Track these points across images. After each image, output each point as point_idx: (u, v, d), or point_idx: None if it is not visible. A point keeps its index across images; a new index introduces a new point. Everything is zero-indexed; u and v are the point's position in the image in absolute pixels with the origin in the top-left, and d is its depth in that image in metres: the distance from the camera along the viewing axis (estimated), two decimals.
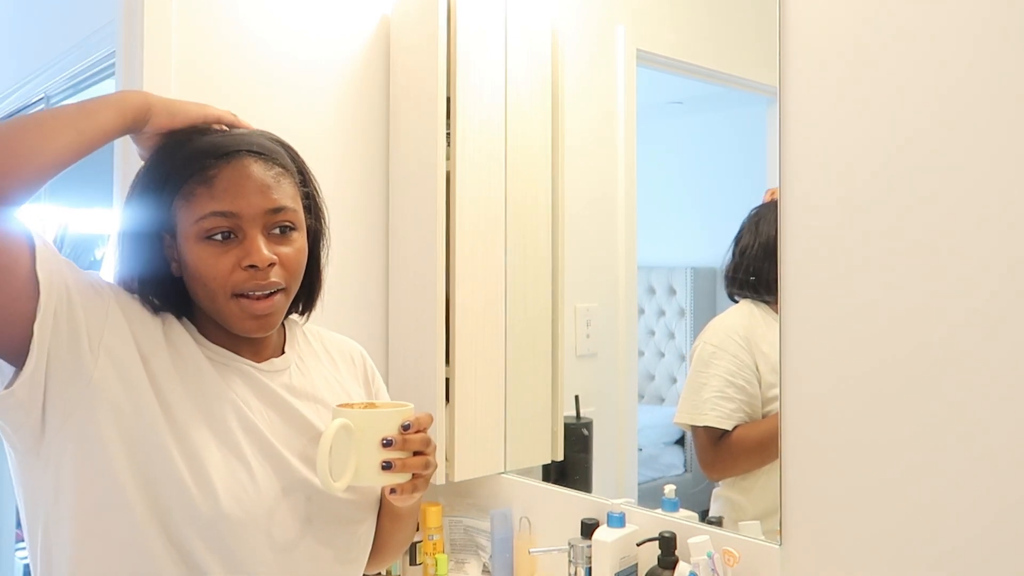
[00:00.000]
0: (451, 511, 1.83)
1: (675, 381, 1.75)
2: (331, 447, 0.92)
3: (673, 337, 1.77)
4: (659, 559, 1.39)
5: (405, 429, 0.96)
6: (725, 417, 1.47)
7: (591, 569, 1.46)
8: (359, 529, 1.05)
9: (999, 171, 1.07)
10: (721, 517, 1.50)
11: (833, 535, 1.23)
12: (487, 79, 1.76)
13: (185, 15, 1.61)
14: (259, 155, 0.97)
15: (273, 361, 1.04)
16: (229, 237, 0.94)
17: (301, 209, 1.01)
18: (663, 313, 1.78)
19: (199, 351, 0.98)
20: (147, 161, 1.00)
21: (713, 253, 1.59)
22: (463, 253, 1.72)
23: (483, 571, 1.76)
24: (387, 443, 0.94)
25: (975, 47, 1.09)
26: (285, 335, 1.10)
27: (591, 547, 1.46)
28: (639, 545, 1.44)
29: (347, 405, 1.00)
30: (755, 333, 1.42)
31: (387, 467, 0.94)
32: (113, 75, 1.73)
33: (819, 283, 1.24)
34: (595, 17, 1.85)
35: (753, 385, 1.41)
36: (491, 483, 1.82)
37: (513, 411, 1.80)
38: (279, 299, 0.97)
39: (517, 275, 1.81)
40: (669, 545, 1.38)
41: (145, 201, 0.97)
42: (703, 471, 1.56)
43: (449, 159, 1.72)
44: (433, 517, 1.74)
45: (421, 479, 0.97)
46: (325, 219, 1.09)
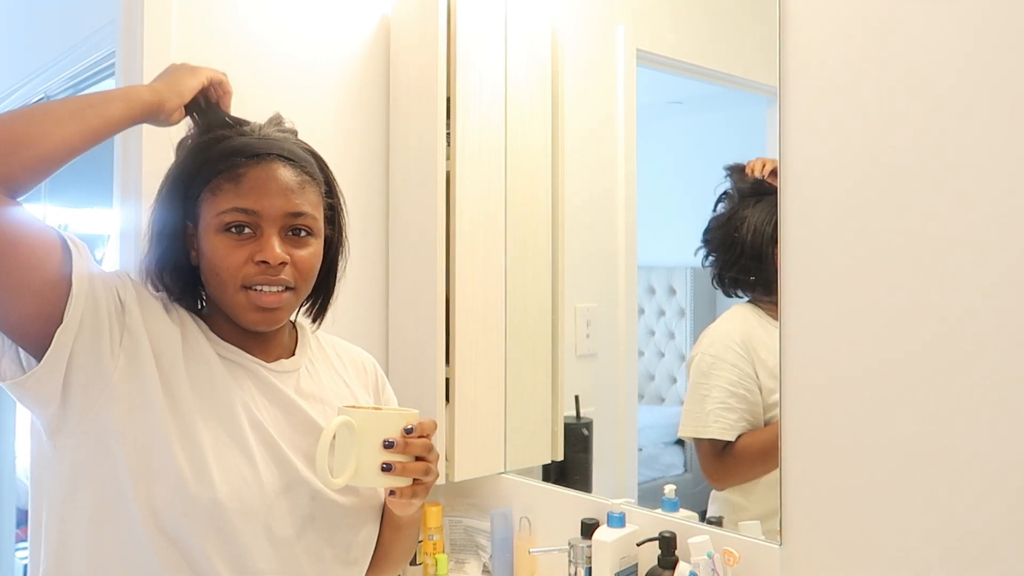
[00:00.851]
0: (451, 511, 1.83)
1: (675, 381, 1.75)
2: (331, 444, 0.92)
3: (673, 337, 1.77)
4: (659, 559, 1.39)
5: (408, 432, 0.96)
6: (728, 428, 1.47)
7: (591, 569, 1.46)
8: (360, 532, 1.06)
9: (999, 170, 1.07)
10: (721, 517, 1.50)
11: (833, 535, 1.23)
12: (487, 79, 1.76)
13: (185, 15, 1.61)
14: (289, 160, 1.01)
15: (282, 362, 1.06)
16: (246, 231, 0.98)
17: (321, 218, 1.04)
18: (663, 313, 1.78)
19: (211, 348, 1.00)
20: (181, 154, 1.04)
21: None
22: (463, 253, 1.72)
23: (483, 571, 1.76)
24: (388, 445, 0.94)
25: (975, 46, 1.09)
26: (297, 338, 1.12)
27: (591, 547, 1.46)
28: (639, 545, 1.44)
29: (353, 407, 1.00)
30: (753, 339, 1.42)
31: (387, 469, 0.95)
32: (113, 75, 1.73)
33: (819, 283, 1.24)
34: (595, 17, 1.85)
35: (754, 393, 1.41)
36: (491, 483, 1.82)
37: (513, 411, 1.80)
38: (287, 296, 1.00)
39: (517, 275, 1.81)
40: (669, 545, 1.38)
41: (175, 191, 1.01)
42: (708, 481, 1.56)
43: (449, 159, 1.72)
44: (433, 517, 1.74)
45: (421, 486, 0.97)
46: (346, 232, 1.13)
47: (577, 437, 1.83)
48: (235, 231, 0.97)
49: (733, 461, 1.48)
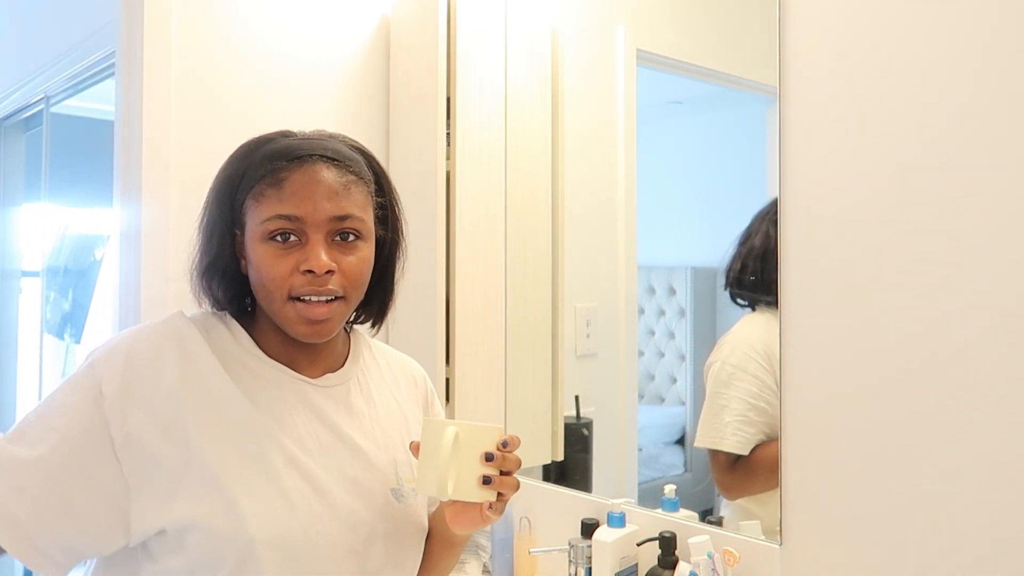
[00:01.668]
0: None
1: (675, 381, 1.75)
2: (450, 455, 0.91)
3: (673, 337, 1.76)
4: (659, 559, 1.39)
5: (504, 447, 0.95)
6: (745, 442, 1.45)
7: (591, 569, 1.46)
8: (412, 556, 1.04)
9: (999, 170, 1.07)
10: (722, 517, 1.50)
11: (833, 535, 1.23)
12: (487, 79, 1.76)
13: (185, 15, 1.61)
14: (332, 160, 0.96)
15: (328, 376, 1.01)
16: (291, 239, 0.93)
17: (371, 219, 0.99)
18: (663, 313, 1.78)
19: (241, 381, 0.95)
20: (227, 160, 1.00)
21: (713, 253, 1.59)
22: (463, 253, 1.72)
23: (483, 571, 1.76)
24: (489, 458, 0.93)
25: (975, 46, 1.09)
26: (350, 347, 1.08)
27: (591, 547, 1.46)
28: (639, 545, 1.44)
29: (439, 420, 0.98)
30: (774, 349, 1.35)
31: (487, 482, 0.93)
32: (113, 75, 1.73)
33: (819, 284, 1.24)
34: (595, 17, 1.85)
35: (774, 406, 1.36)
36: None
37: (513, 411, 1.80)
38: (337, 306, 0.95)
39: (517, 275, 1.81)
40: (669, 545, 1.38)
41: (221, 198, 0.98)
42: (720, 491, 1.54)
43: (449, 159, 1.72)
44: None
45: (504, 502, 0.96)
46: (402, 231, 1.09)
47: (577, 437, 1.83)
48: (280, 239, 0.93)
49: (747, 473, 1.46)
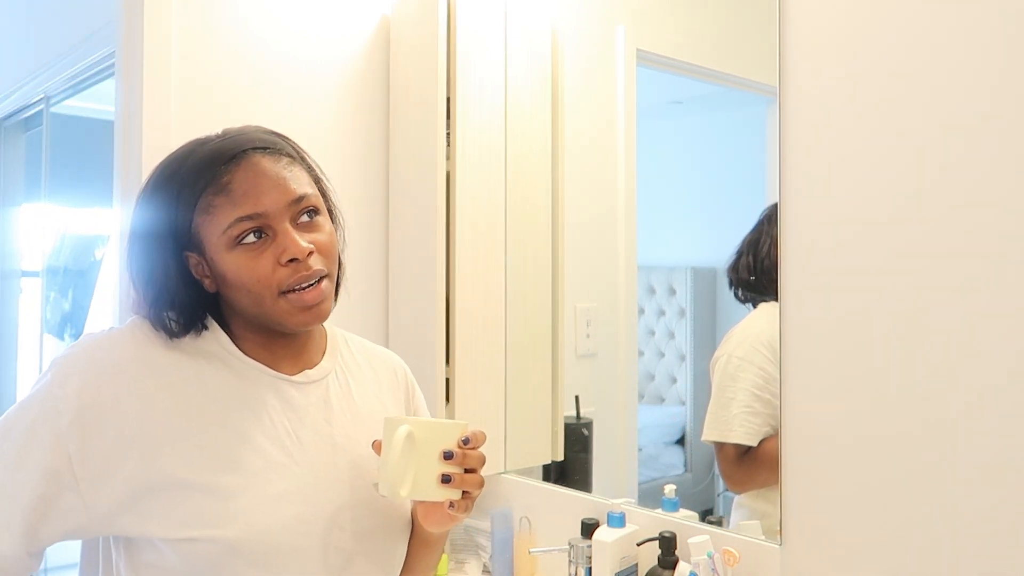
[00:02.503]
0: None
1: (675, 381, 1.75)
2: (400, 455, 0.89)
3: (673, 337, 1.76)
4: (659, 559, 1.39)
5: (464, 443, 0.93)
6: (753, 433, 1.45)
7: (591, 569, 1.46)
8: (395, 553, 1.03)
9: (1000, 170, 1.07)
10: (721, 517, 1.50)
11: (833, 535, 1.23)
12: (487, 79, 1.76)
13: (185, 16, 1.61)
14: (264, 149, 0.95)
15: (307, 372, 1.01)
16: (261, 237, 0.92)
17: (317, 192, 0.99)
18: (663, 313, 1.78)
19: (211, 390, 0.94)
20: (146, 188, 0.96)
21: (713, 253, 1.59)
22: (463, 253, 1.72)
23: (483, 571, 1.76)
24: (448, 456, 0.91)
25: (976, 46, 1.09)
26: (327, 342, 1.07)
27: (591, 547, 1.46)
28: (639, 545, 1.44)
29: (396, 417, 0.96)
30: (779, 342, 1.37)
31: (447, 480, 0.91)
32: (113, 75, 1.73)
33: (819, 284, 1.24)
34: (595, 17, 1.85)
35: (779, 398, 1.38)
36: (491, 483, 1.82)
37: (513, 411, 1.80)
38: (326, 285, 0.95)
39: (517, 275, 1.81)
40: (669, 545, 1.38)
41: (158, 227, 0.93)
42: (726, 484, 1.54)
43: (449, 159, 1.72)
44: None
45: (470, 499, 0.95)
46: (334, 200, 1.06)
47: (577, 437, 1.83)
48: (250, 240, 0.91)
49: (755, 465, 1.46)
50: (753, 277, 1.47)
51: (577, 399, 1.83)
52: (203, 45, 1.64)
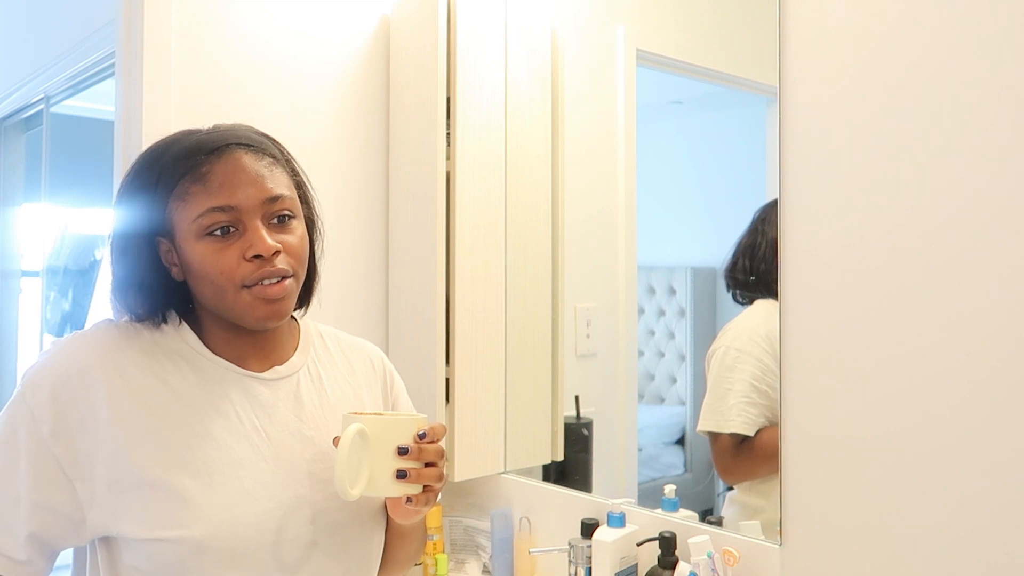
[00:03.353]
0: (451, 511, 1.83)
1: (675, 381, 1.75)
2: (348, 453, 0.89)
3: (673, 337, 1.76)
4: (659, 559, 1.39)
5: (421, 438, 0.93)
6: (750, 423, 1.46)
7: (591, 569, 1.46)
8: (370, 544, 1.03)
9: (1000, 170, 1.07)
10: (721, 517, 1.50)
11: (833, 535, 1.23)
12: (487, 79, 1.76)
13: (185, 16, 1.61)
14: (248, 146, 0.96)
15: (276, 369, 1.01)
16: (229, 231, 0.92)
17: (296, 197, 0.99)
18: (663, 313, 1.78)
19: (168, 379, 0.94)
20: (130, 170, 0.97)
21: (713, 253, 1.59)
22: (463, 253, 1.72)
23: (483, 571, 1.76)
24: (403, 451, 0.92)
25: (976, 45, 1.09)
26: (299, 338, 1.07)
27: (591, 547, 1.46)
28: (639, 545, 1.44)
29: (357, 413, 0.96)
30: (776, 335, 1.39)
31: (402, 476, 0.91)
32: (113, 75, 1.73)
33: (819, 283, 1.24)
34: (595, 17, 1.85)
35: (776, 390, 1.39)
36: (491, 483, 1.82)
37: (513, 411, 1.80)
38: (290, 284, 0.95)
39: (517, 275, 1.81)
40: (669, 545, 1.38)
41: (136, 209, 0.95)
42: (721, 476, 1.55)
43: (449, 159, 1.72)
44: (433, 517, 1.74)
45: (433, 492, 0.95)
46: (317, 209, 1.07)
47: (577, 437, 1.83)
48: (219, 233, 0.92)
49: (751, 456, 1.47)
50: (752, 277, 1.48)
51: (577, 399, 1.83)
52: (203, 45, 1.64)
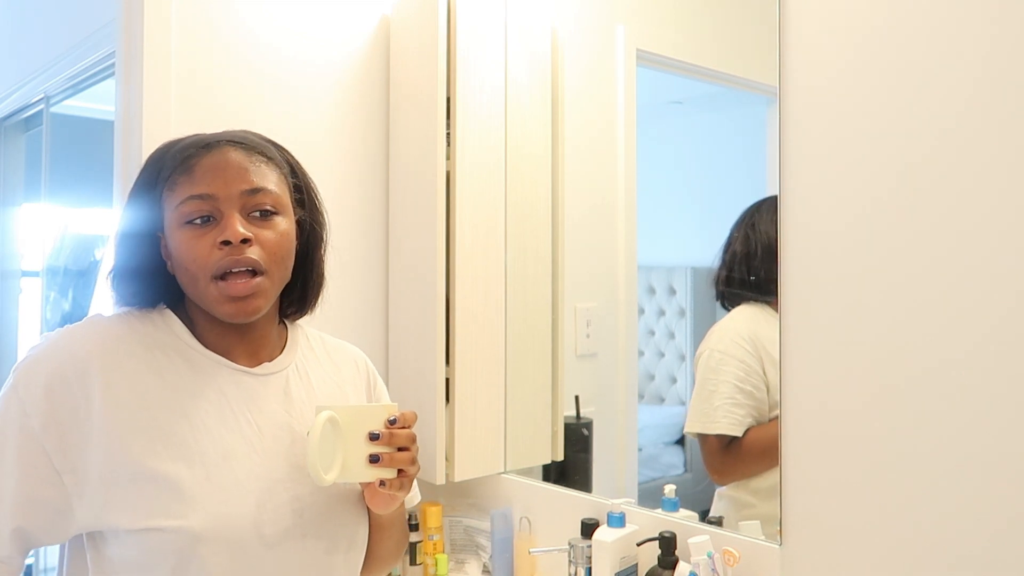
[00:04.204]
0: (451, 511, 1.83)
1: (675, 381, 1.75)
2: (319, 440, 0.93)
3: (673, 337, 1.76)
4: (659, 559, 1.39)
5: (391, 424, 0.97)
6: (737, 423, 1.47)
7: (591, 569, 1.46)
8: (355, 537, 1.05)
9: (1000, 171, 1.07)
10: (721, 517, 1.50)
11: (833, 535, 1.23)
12: (487, 79, 1.76)
13: (185, 16, 1.61)
14: (240, 144, 0.99)
15: (266, 365, 1.03)
16: (208, 220, 0.95)
17: (286, 195, 1.01)
18: (663, 313, 1.77)
19: (163, 371, 0.96)
20: (143, 165, 1.02)
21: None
22: (463, 253, 1.72)
23: (483, 571, 1.76)
24: (374, 437, 0.96)
25: (976, 46, 1.09)
26: (287, 339, 1.10)
27: (591, 547, 1.46)
28: (639, 545, 1.44)
29: (323, 407, 1.00)
30: (760, 336, 1.42)
31: (374, 460, 0.95)
32: (113, 75, 1.73)
33: (819, 283, 1.24)
34: (595, 17, 1.85)
35: (761, 390, 1.41)
36: (491, 483, 1.82)
37: (513, 411, 1.80)
38: (260, 282, 0.95)
39: (517, 275, 1.81)
40: (669, 545, 1.38)
41: (138, 203, 0.99)
42: (711, 476, 1.56)
43: (449, 159, 1.72)
44: (433, 517, 1.74)
45: (407, 477, 0.98)
46: (323, 216, 1.09)
47: (577, 437, 1.83)
48: (198, 222, 0.94)
49: (740, 456, 1.48)
50: (739, 280, 1.50)
51: (577, 399, 1.83)
52: (203, 45, 1.64)
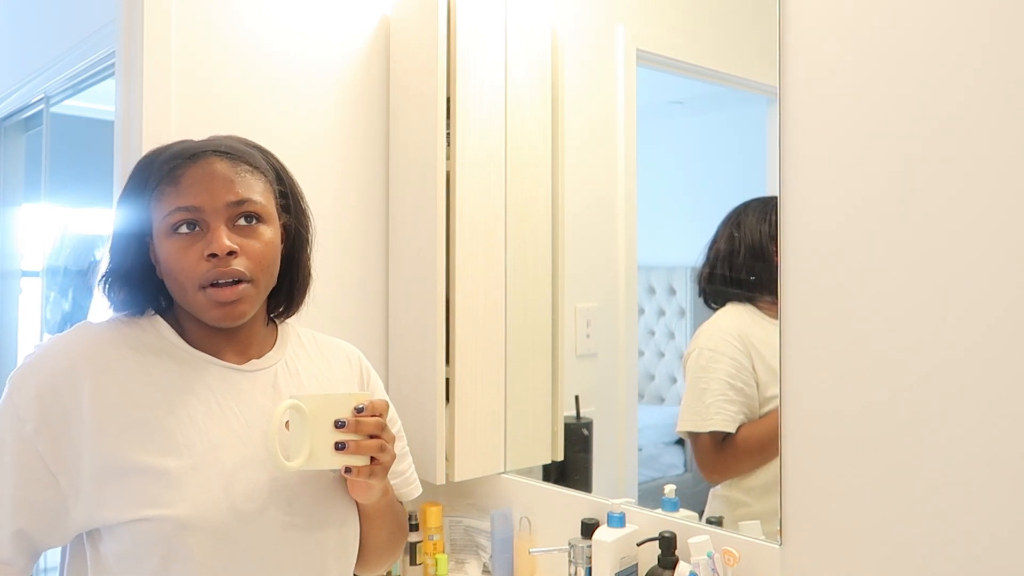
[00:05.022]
0: (451, 511, 1.83)
1: (675, 381, 1.75)
2: (280, 426, 0.94)
3: (673, 337, 1.76)
4: (659, 559, 1.39)
5: (359, 412, 0.98)
6: (730, 420, 1.48)
7: (591, 569, 1.46)
8: (345, 527, 1.06)
9: (1000, 171, 1.07)
10: (721, 517, 1.50)
11: (833, 535, 1.23)
12: (487, 79, 1.76)
13: (185, 16, 1.61)
14: (226, 154, 1.01)
15: (254, 362, 1.06)
16: (195, 230, 0.97)
17: (272, 204, 1.03)
18: (663, 313, 1.77)
19: (151, 371, 0.98)
20: (131, 172, 1.04)
21: None
22: (463, 253, 1.72)
23: (483, 571, 1.76)
24: (340, 424, 0.97)
25: (976, 46, 1.09)
26: (277, 337, 1.11)
27: (591, 547, 1.46)
28: (639, 545, 1.44)
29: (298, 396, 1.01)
30: (749, 334, 1.43)
31: (340, 448, 0.96)
32: (113, 75, 1.73)
33: (819, 283, 1.24)
34: (595, 17, 1.84)
35: (751, 387, 1.42)
36: (491, 483, 1.82)
37: (513, 411, 1.80)
38: (245, 288, 0.98)
39: (517, 275, 1.81)
40: (669, 545, 1.38)
41: (127, 210, 1.01)
42: (704, 475, 1.56)
43: (449, 159, 1.72)
44: (433, 517, 1.74)
45: (379, 465, 0.99)
46: (308, 218, 1.11)
47: (577, 437, 1.83)
48: (185, 230, 0.97)
49: (733, 453, 1.48)
50: (724, 282, 1.50)
51: (577, 399, 1.83)
52: (203, 45, 1.64)
